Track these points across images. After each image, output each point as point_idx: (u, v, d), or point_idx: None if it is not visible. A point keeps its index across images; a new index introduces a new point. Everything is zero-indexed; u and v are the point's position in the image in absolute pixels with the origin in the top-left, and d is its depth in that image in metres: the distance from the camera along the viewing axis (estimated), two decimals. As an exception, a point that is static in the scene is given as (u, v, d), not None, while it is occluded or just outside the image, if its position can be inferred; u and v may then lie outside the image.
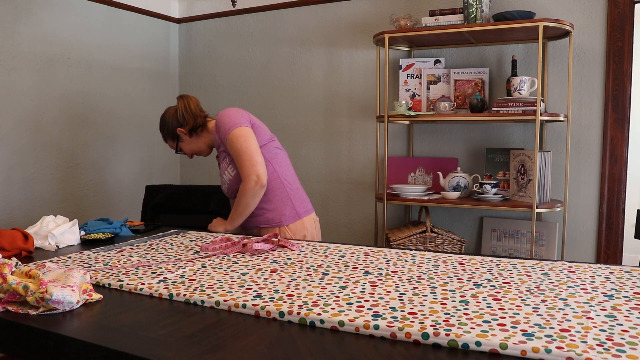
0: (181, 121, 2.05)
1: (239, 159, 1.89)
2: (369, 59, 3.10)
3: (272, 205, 1.95)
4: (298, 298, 1.08)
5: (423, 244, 2.67)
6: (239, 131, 1.91)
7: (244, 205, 1.91)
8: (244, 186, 1.89)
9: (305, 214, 2.02)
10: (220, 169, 2.06)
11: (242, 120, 1.94)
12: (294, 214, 1.98)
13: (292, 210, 1.98)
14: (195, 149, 2.11)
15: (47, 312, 1.04)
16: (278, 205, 1.96)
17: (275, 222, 1.95)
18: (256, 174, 1.86)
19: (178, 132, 2.06)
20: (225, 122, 1.94)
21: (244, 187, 1.89)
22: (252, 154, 1.88)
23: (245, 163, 1.88)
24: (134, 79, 3.44)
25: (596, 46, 2.57)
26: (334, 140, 3.23)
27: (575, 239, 2.66)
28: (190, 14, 3.70)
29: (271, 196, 1.95)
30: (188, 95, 2.12)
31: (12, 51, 2.74)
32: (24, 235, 1.57)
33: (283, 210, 1.96)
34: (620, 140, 2.54)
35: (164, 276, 1.27)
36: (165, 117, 2.09)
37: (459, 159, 2.88)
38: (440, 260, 1.40)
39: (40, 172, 2.90)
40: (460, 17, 2.59)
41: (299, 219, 1.99)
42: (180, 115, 2.05)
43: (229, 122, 1.93)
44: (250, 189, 1.87)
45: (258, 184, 1.87)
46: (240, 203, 1.91)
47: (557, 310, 0.99)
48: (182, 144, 2.10)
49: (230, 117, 1.95)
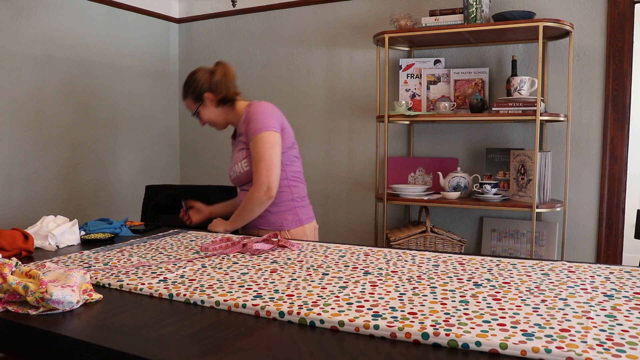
0: (214, 87, 1.94)
1: (258, 163, 1.85)
2: (369, 59, 3.10)
3: (276, 209, 1.94)
4: (298, 298, 1.08)
5: (423, 244, 2.67)
6: (268, 136, 1.86)
7: (249, 212, 1.89)
8: (252, 193, 1.86)
9: (307, 221, 2.00)
10: (234, 156, 2.00)
11: (274, 124, 1.88)
12: (296, 219, 1.96)
13: (294, 217, 1.96)
14: (213, 119, 2.01)
15: (47, 312, 1.04)
16: (282, 209, 1.94)
17: (276, 226, 1.94)
18: (268, 185, 1.84)
19: (205, 96, 1.95)
20: (258, 119, 1.88)
21: (252, 194, 1.86)
22: (272, 164, 1.84)
23: (262, 171, 1.84)
24: (134, 79, 3.44)
25: (596, 46, 2.57)
26: (334, 140, 3.23)
27: (575, 239, 2.66)
28: (190, 14, 3.70)
29: (277, 201, 1.92)
30: (227, 64, 2.02)
31: (12, 51, 2.74)
32: (24, 235, 1.57)
33: (285, 215, 1.95)
34: (620, 140, 2.54)
35: (164, 276, 1.27)
36: (197, 76, 1.96)
37: (459, 159, 2.88)
38: (440, 260, 1.40)
39: (40, 172, 2.90)
40: (460, 17, 2.59)
41: (300, 225, 1.97)
42: (216, 81, 1.95)
43: (262, 121, 1.87)
44: (258, 198, 1.85)
45: (267, 195, 1.84)
46: (246, 209, 1.89)
47: (557, 310, 0.99)
48: (202, 109, 1.98)
49: (265, 115, 1.88)
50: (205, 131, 3.67)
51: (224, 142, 3.58)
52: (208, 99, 1.96)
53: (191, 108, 2.01)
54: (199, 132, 3.69)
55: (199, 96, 1.96)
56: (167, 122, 3.72)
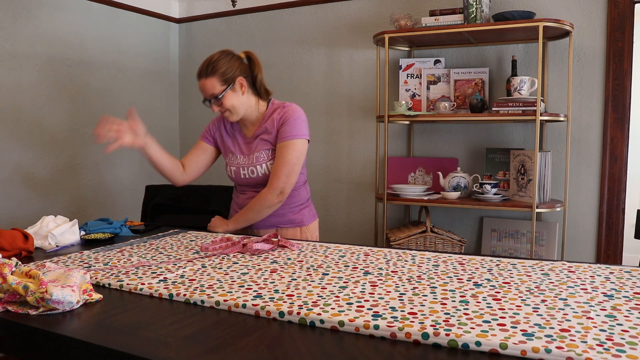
0: (247, 74, 1.88)
1: (280, 167, 1.83)
2: (369, 59, 3.10)
3: (297, 208, 1.97)
4: (298, 298, 1.08)
5: (423, 244, 2.67)
6: (301, 144, 1.86)
7: (257, 212, 1.88)
8: (265, 195, 1.85)
9: (316, 214, 2.09)
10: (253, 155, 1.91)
11: (308, 133, 1.89)
12: (312, 214, 2.03)
13: (310, 212, 2.03)
14: (237, 106, 1.86)
15: (47, 312, 1.04)
16: (302, 207, 1.99)
17: (297, 222, 1.96)
18: (282, 189, 1.83)
19: (239, 81, 1.85)
20: (296, 124, 1.85)
21: (265, 196, 1.85)
22: (293, 171, 1.84)
23: (282, 176, 1.83)
24: (134, 78, 3.44)
25: (596, 46, 2.57)
26: (334, 140, 3.23)
27: (575, 239, 2.66)
28: (190, 14, 3.70)
29: (297, 199, 1.96)
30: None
31: (12, 51, 2.74)
32: (24, 235, 1.57)
33: (303, 211, 1.99)
34: (620, 140, 2.54)
35: (164, 276, 1.27)
36: (232, 57, 1.87)
37: (459, 159, 2.88)
38: (440, 260, 1.40)
39: (40, 172, 2.90)
40: (460, 17, 2.59)
41: (315, 219, 2.05)
42: (252, 68, 1.90)
43: (299, 127, 1.85)
44: (270, 200, 1.85)
45: (278, 199, 1.85)
46: (254, 209, 1.88)
47: (557, 310, 0.99)
48: (229, 93, 1.84)
49: (302, 122, 1.87)
50: (205, 131, 3.67)
51: (224, 142, 3.58)
52: (241, 85, 1.86)
53: (214, 89, 1.83)
54: (199, 132, 3.68)
55: (231, 79, 1.83)
56: (167, 122, 3.72)
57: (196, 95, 3.72)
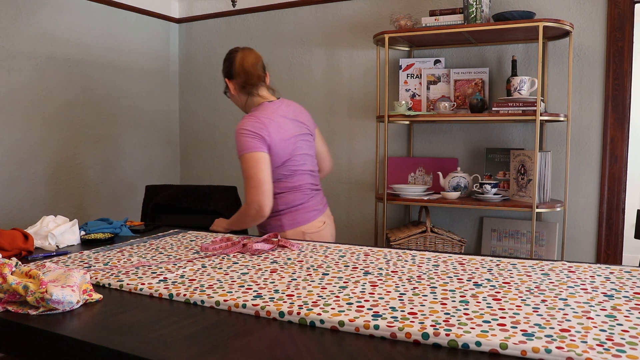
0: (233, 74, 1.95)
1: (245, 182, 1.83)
2: (369, 59, 3.10)
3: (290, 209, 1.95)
4: (298, 298, 1.08)
5: (423, 244, 2.67)
6: (247, 159, 1.82)
7: (242, 223, 1.91)
8: (244, 209, 1.86)
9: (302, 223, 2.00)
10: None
11: (251, 145, 1.84)
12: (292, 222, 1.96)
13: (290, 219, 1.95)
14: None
15: (47, 312, 1.04)
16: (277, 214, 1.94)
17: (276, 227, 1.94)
18: (257, 201, 1.80)
19: (226, 81, 1.99)
20: (238, 142, 1.85)
21: (244, 210, 1.86)
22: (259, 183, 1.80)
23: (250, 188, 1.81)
24: (134, 78, 3.44)
25: (596, 46, 2.57)
26: (334, 140, 3.23)
27: (575, 239, 2.66)
28: (190, 14, 3.70)
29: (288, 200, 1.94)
30: (250, 49, 2.00)
31: (12, 51, 2.74)
32: (24, 235, 1.57)
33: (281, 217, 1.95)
34: (620, 140, 2.54)
35: (164, 276, 1.27)
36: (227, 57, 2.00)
37: (459, 159, 2.88)
38: (440, 260, 1.40)
39: (40, 172, 2.90)
40: (460, 17, 2.59)
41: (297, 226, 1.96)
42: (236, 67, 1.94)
43: (240, 144, 1.84)
44: (248, 212, 1.84)
45: (258, 212, 1.82)
46: (239, 220, 1.91)
47: (557, 310, 0.99)
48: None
49: (241, 137, 1.83)
50: (206, 131, 3.67)
51: (224, 142, 3.58)
52: (227, 83, 2.00)
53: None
54: (199, 132, 3.69)
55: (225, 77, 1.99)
56: (167, 122, 3.72)
57: (196, 95, 3.72)
